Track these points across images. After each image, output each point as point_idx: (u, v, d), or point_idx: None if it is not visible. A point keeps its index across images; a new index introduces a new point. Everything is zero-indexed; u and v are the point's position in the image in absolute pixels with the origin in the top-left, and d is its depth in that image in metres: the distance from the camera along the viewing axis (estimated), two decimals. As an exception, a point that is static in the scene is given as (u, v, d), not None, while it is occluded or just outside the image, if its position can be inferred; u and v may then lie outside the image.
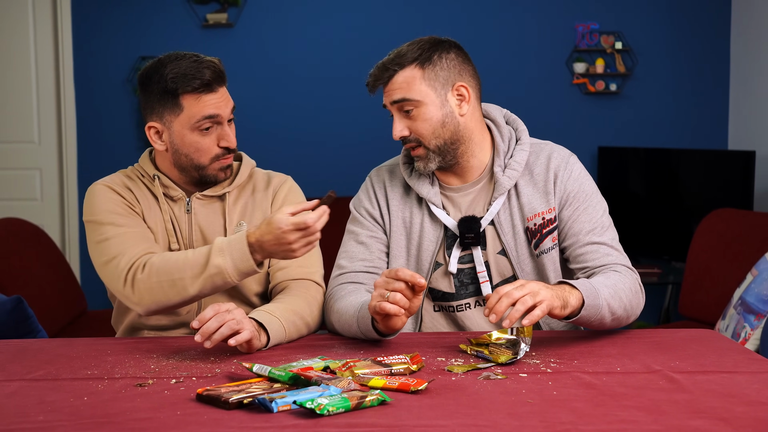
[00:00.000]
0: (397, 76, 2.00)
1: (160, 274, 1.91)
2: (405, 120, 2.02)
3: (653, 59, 5.20)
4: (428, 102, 1.98)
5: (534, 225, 2.02)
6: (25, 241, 3.84)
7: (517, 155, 2.05)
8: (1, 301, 2.69)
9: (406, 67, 1.99)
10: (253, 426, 1.36)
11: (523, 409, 1.42)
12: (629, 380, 1.58)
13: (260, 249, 1.84)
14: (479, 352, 1.75)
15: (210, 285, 1.89)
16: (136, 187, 2.08)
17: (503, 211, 2.04)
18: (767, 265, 3.23)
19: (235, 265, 1.86)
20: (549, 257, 2.03)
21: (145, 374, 1.66)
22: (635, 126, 5.22)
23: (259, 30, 5.17)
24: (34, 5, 5.12)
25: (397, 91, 2.00)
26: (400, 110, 2.02)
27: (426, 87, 1.98)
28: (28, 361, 1.77)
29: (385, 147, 5.28)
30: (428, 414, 1.40)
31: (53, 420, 1.39)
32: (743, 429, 1.32)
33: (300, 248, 1.82)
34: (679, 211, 4.77)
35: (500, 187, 2.03)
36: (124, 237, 1.99)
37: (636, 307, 1.95)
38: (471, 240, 2.02)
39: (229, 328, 1.73)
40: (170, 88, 1.96)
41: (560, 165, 2.05)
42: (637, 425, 1.34)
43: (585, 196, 2.04)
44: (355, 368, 1.61)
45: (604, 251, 2.00)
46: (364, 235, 2.11)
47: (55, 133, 5.20)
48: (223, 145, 2.01)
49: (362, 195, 2.16)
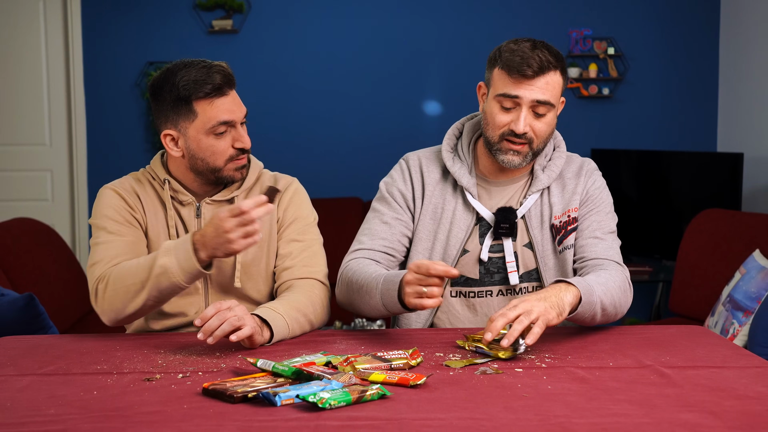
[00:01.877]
0: (551, 74, 1.97)
1: (116, 282, 1.90)
2: (531, 118, 1.98)
3: (644, 64, 5.20)
4: (555, 110, 2.02)
5: (560, 222, 2.07)
6: (37, 240, 3.84)
7: (556, 160, 2.10)
8: (14, 298, 2.69)
9: (556, 71, 1.98)
10: (258, 419, 1.36)
11: (518, 403, 1.42)
12: (621, 375, 1.59)
13: (203, 246, 1.82)
14: (479, 348, 1.75)
15: (156, 287, 1.86)
16: (144, 192, 2.07)
17: (534, 206, 2.08)
18: (755, 263, 3.23)
19: (179, 264, 1.83)
20: (570, 253, 2.08)
21: (153, 369, 1.66)
22: (627, 129, 5.23)
23: (263, 36, 5.17)
24: (45, 12, 5.12)
25: (544, 91, 1.96)
26: (533, 108, 1.98)
27: (559, 95, 2.02)
28: (40, 356, 1.77)
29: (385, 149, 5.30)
30: (427, 408, 1.40)
31: (64, 413, 1.39)
32: (731, 422, 1.33)
33: (238, 238, 1.78)
34: (669, 211, 4.77)
35: (538, 183, 2.07)
36: (110, 245, 1.98)
37: (624, 305, 1.97)
38: (505, 230, 2.05)
39: (231, 324, 1.72)
40: (183, 96, 1.95)
41: (587, 172, 2.12)
42: (628, 418, 1.35)
43: (600, 202, 2.11)
44: (356, 363, 1.61)
45: (602, 246, 2.05)
46: (389, 216, 2.11)
47: (66, 136, 5.20)
48: (238, 146, 2.00)
49: (396, 175, 2.15)
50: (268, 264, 2.09)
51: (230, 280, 2.06)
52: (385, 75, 5.21)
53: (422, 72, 5.14)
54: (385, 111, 5.23)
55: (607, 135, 5.21)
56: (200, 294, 2.07)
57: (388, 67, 5.21)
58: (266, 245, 2.08)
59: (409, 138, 5.16)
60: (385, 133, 5.22)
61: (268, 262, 2.09)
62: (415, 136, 5.13)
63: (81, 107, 5.15)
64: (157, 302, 1.91)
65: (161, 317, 2.07)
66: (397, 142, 5.16)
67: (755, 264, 3.23)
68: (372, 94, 5.23)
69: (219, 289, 2.07)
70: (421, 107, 5.22)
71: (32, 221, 3.98)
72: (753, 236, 3.58)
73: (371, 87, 5.22)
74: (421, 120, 5.22)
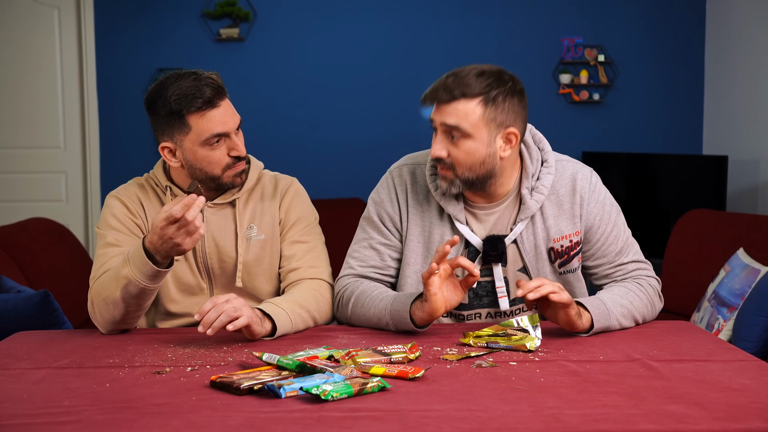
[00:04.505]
0: (458, 102, 1.82)
1: (98, 296, 1.90)
2: (447, 142, 1.86)
3: (633, 71, 5.20)
4: (478, 138, 1.84)
5: (561, 246, 1.96)
6: (52, 239, 3.84)
7: (544, 178, 1.95)
8: (30, 294, 2.69)
9: (471, 100, 1.82)
10: (263, 410, 1.36)
11: (512, 395, 1.42)
12: (611, 368, 1.58)
13: (155, 251, 1.81)
14: (491, 343, 1.73)
15: (127, 294, 1.85)
16: (147, 199, 2.06)
17: (526, 231, 1.96)
18: (739, 261, 3.23)
19: (139, 270, 1.83)
20: (575, 276, 2.01)
21: (163, 362, 1.66)
22: (616, 133, 5.22)
23: (268, 43, 5.16)
24: (60, 22, 5.12)
25: (453, 117, 1.83)
26: (447, 133, 1.85)
27: (481, 124, 1.83)
28: (55, 350, 1.77)
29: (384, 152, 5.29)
30: (425, 399, 1.40)
31: (78, 405, 1.39)
32: (716, 413, 1.32)
33: (184, 240, 1.76)
34: (657, 212, 4.77)
35: (526, 210, 1.94)
36: (107, 256, 1.97)
37: (650, 316, 1.96)
38: (493, 257, 1.95)
39: (227, 315, 1.72)
40: (175, 110, 1.92)
41: (585, 188, 1.97)
42: (618, 410, 1.34)
43: (609, 218, 1.99)
44: (357, 357, 1.61)
45: (631, 268, 2.02)
46: (377, 241, 2.02)
47: (80, 140, 5.19)
48: (233, 155, 1.97)
49: (383, 194, 2.03)
50: (272, 263, 2.08)
51: (233, 280, 2.05)
52: (384, 80, 5.21)
53: (419, 78, 5.13)
54: (383, 115, 5.23)
55: (597, 139, 5.21)
56: (205, 294, 2.06)
57: (386, 73, 5.21)
58: (269, 245, 2.07)
59: (407, 141, 5.14)
60: (384, 136, 5.22)
61: (272, 261, 2.08)
62: (413, 139, 5.12)
63: (94, 112, 5.15)
64: (138, 306, 1.89)
65: (168, 317, 2.06)
66: (395, 144, 5.15)
67: (739, 262, 3.23)
68: (370, 99, 5.23)
69: (223, 290, 2.06)
70: (417, 111, 5.22)
71: (47, 221, 3.97)
72: (737, 235, 3.58)
73: (370, 92, 5.22)
74: (418, 123, 5.21)
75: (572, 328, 1.80)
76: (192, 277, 2.05)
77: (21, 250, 3.53)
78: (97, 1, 5.11)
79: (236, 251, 2.04)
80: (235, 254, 2.04)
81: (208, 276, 2.06)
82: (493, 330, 1.75)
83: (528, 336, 1.71)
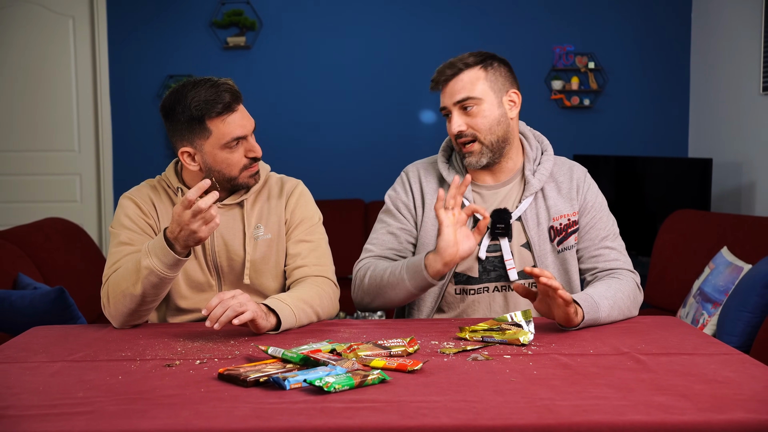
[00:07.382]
0: (462, 74, 1.99)
1: (115, 288, 1.89)
2: (464, 117, 2.01)
3: (622, 77, 5.20)
4: (488, 100, 2.00)
5: (560, 225, 2.05)
6: (67, 238, 3.84)
7: (545, 164, 2.08)
8: (46, 291, 2.69)
9: (472, 68, 2.00)
10: (269, 401, 1.36)
11: (507, 387, 1.42)
12: (601, 361, 1.58)
13: (174, 239, 1.82)
14: (486, 337, 1.74)
15: (149, 284, 1.85)
16: (159, 200, 2.05)
17: (530, 209, 2.06)
18: (723, 259, 3.23)
19: (160, 260, 1.83)
20: (571, 254, 2.07)
21: (173, 356, 1.66)
22: (606, 136, 5.23)
23: (274, 51, 5.16)
24: (74, 30, 5.12)
25: (461, 90, 1.99)
26: (461, 108, 2.00)
27: (487, 87, 2.00)
28: (69, 344, 1.78)
29: (386, 155, 5.30)
30: (423, 391, 1.40)
31: (92, 396, 1.39)
32: (701, 404, 1.33)
33: (200, 228, 1.78)
34: (644, 212, 4.77)
35: (530, 188, 2.05)
36: (120, 254, 1.97)
37: (633, 309, 1.97)
38: (501, 230, 2.03)
39: (233, 310, 1.72)
40: (196, 116, 1.92)
41: (580, 178, 2.11)
42: (607, 401, 1.34)
43: (600, 207, 2.10)
44: (359, 350, 1.61)
45: (614, 256, 2.06)
46: (395, 227, 2.10)
47: (93, 143, 5.19)
48: (250, 156, 1.98)
49: (398, 187, 2.15)
50: (278, 261, 2.08)
51: (241, 278, 2.05)
52: (385, 87, 5.21)
53: (419, 85, 5.13)
54: (385, 120, 5.22)
55: (587, 142, 5.21)
56: (214, 291, 2.06)
57: (387, 80, 5.20)
58: (275, 244, 2.07)
59: (407, 145, 5.16)
60: (386, 140, 5.22)
61: (278, 259, 2.08)
62: (412, 143, 5.14)
63: (107, 116, 5.15)
64: (155, 296, 1.89)
65: (178, 313, 2.06)
66: (396, 148, 5.16)
67: (723, 260, 3.23)
68: (373, 105, 5.22)
69: (231, 287, 2.06)
70: (417, 116, 5.22)
71: (62, 221, 3.98)
72: (721, 234, 3.58)
73: (372, 98, 5.22)
74: (418, 128, 5.21)
75: (568, 324, 1.81)
76: (201, 275, 2.05)
77: (37, 248, 3.53)
78: (110, 11, 5.11)
79: (244, 250, 2.04)
80: (243, 253, 2.04)
81: (216, 273, 2.06)
82: (488, 325, 1.76)
83: (521, 330, 1.72)
